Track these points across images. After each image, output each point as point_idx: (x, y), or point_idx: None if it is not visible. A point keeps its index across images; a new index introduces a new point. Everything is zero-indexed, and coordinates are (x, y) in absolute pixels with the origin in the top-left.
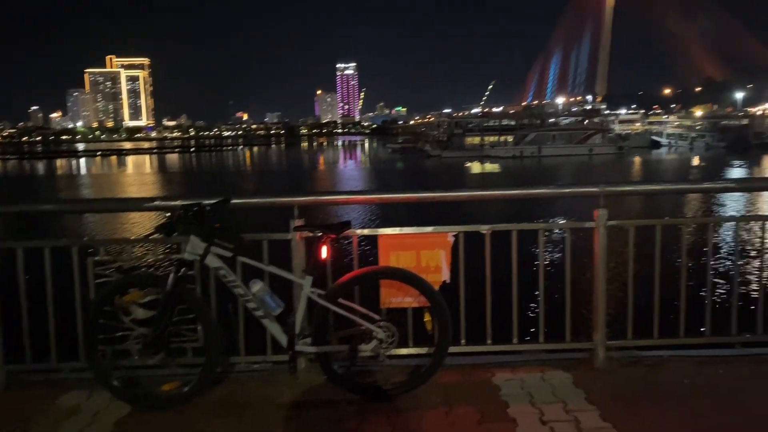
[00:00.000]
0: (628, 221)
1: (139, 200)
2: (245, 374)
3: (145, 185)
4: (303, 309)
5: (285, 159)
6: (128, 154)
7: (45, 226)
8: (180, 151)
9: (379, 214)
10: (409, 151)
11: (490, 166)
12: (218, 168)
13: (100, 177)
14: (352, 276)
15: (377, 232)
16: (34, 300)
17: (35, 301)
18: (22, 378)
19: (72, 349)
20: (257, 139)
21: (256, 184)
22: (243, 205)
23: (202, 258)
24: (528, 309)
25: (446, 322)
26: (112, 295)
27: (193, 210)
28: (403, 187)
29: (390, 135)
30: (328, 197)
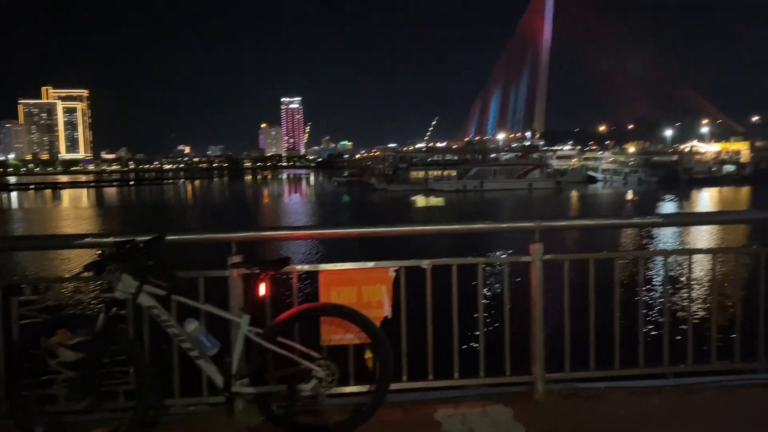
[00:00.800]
0: (563, 255)
1: (68, 237)
2: (180, 417)
3: (81, 220)
4: (240, 348)
5: (227, 193)
6: (64, 187)
7: None
8: (119, 184)
9: (324, 249)
10: (355, 184)
11: (434, 199)
12: (158, 202)
13: (33, 211)
14: (291, 313)
15: (317, 268)
16: None
17: None
18: None
19: None
20: (199, 173)
21: (196, 218)
22: (179, 242)
23: (134, 297)
24: (469, 343)
25: (387, 358)
26: (38, 336)
27: (125, 247)
28: (348, 221)
29: (336, 168)
30: (266, 233)
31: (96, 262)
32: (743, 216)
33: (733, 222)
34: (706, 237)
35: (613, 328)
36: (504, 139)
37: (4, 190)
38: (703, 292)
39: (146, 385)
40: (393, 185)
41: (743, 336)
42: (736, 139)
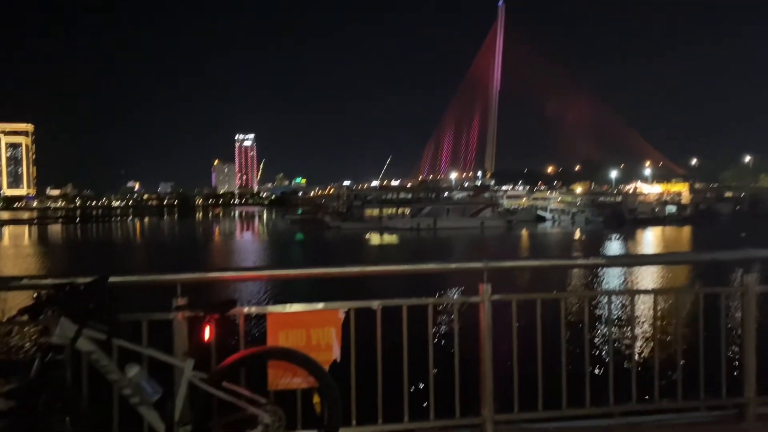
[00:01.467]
0: (511, 295)
1: (4, 279)
2: None
3: (20, 259)
4: (183, 394)
5: (177, 230)
6: (5, 224)
7: None
8: (64, 221)
9: (274, 289)
10: (310, 222)
11: (388, 237)
12: (105, 240)
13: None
14: (236, 357)
15: (265, 310)
16: None
17: None
18: None
19: None
20: (149, 210)
21: (143, 258)
22: (122, 283)
23: (73, 341)
24: (419, 385)
25: (336, 402)
26: None
27: (64, 289)
28: (301, 260)
29: (290, 206)
30: (213, 274)
31: (32, 306)
32: (682, 257)
33: (673, 263)
34: (649, 276)
35: (560, 367)
36: (457, 178)
37: None
38: (647, 332)
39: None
40: (347, 223)
41: (685, 374)
42: (676, 180)
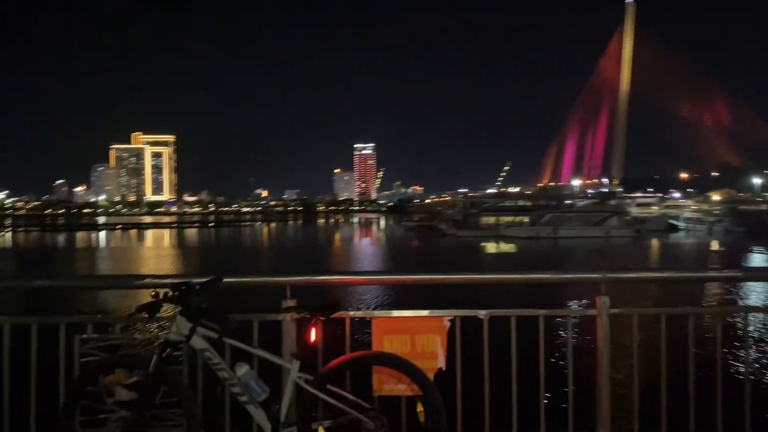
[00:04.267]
0: (632, 309)
1: (129, 277)
2: None
3: (161, 259)
4: (289, 395)
5: (300, 235)
6: (148, 228)
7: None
8: (199, 226)
9: (380, 294)
10: (425, 229)
11: (505, 246)
12: (234, 244)
13: (118, 250)
14: (341, 361)
15: (371, 315)
16: (19, 377)
17: (20, 378)
18: None
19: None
20: (275, 216)
21: (268, 260)
22: (235, 284)
23: (187, 338)
24: (529, 400)
25: (440, 412)
26: (96, 374)
27: (181, 289)
28: (415, 266)
29: (406, 213)
30: (320, 277)
31: (150, 304)
32: None
33: None
34: None
35: (686, 390)
36: (580, 185)
37: (94, 230)
38: None
39: (196, 429)
40: (463, 231)
41: None
42: None
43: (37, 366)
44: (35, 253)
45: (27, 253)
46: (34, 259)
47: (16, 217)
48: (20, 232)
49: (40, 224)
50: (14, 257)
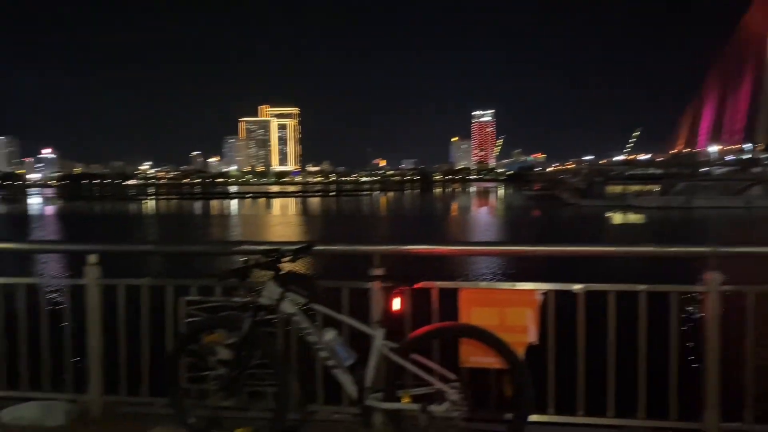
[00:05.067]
0: (747, 286)
1: (227, 243)
2: (323, 424)
3: (283, 226)
4: (375, 362)
5: (417, 205)
6: (275, 197)
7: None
8: (321, 195)
9: (471, 265)
10: (546, 198)
11: (633, 216)
12: (353, 212)
13: (248, 217)
14: (426, 330)
15: (458, 286)
16: (133, 335)
17: (133, 335)
18: (117, 409)
19: (164, 385)
20: (392, 185)
21: (384, 228)
22: (326, 252)
23: (278, 303)
24: (626, 379)
25: (527, 387)
26: (198, 334)
27: (272, 255)
28: (533, 237)
29: (526, 182)
30: (408, 247)
31: (240, 269)
32: None
33: None
34: None
35: None
36: (718, 151)
37: (226, 198)
38: None
39: (285, 390)
40: (586, 200)
41: None
42: None
43: (149, 323)
44: (178, 219)
45: (165, 219)
46: (179, 224)
47: (158, 185)
48: (161, 199)
49: (179, 193)
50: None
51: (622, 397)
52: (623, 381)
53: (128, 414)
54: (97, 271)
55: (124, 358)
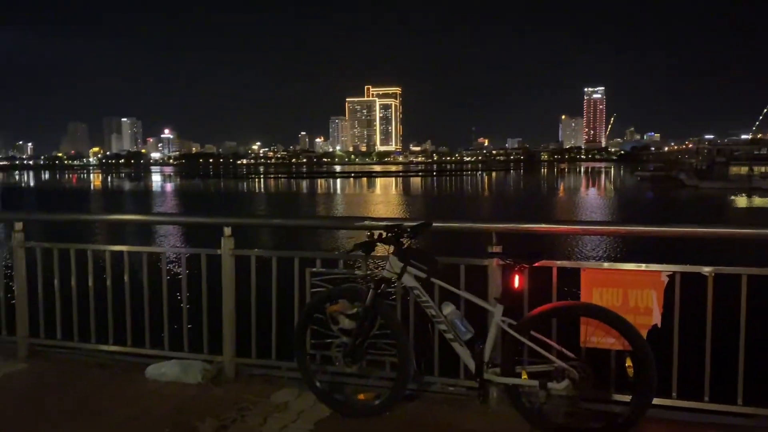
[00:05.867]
0: None
1: (351, 219)
2: (439, 395)
3: (385, 204)
4: (493, 337)
5: (522, 185)
6: (377, 176)
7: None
8: (423, 174)
9: (591, 245)
10: (661, 180)
11: (759, 200)
12: (455, 192)
13: (351, 196)
14: (546, 308)
15: (580, 266)
16: (262, 302)
17: (263, 303)
18: (247, 371)
19: (290, 350)
20: (496, 165)
21: (487, 208)
22: (444, 229)
23: (399, 276)
24: (759, 367)
25: (650, 369)
26: (322, 303)
27: (393, 231)
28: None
29: (639, 162)
30: (526, 225)
31: (365, 243)
32: None
33: None
34: None
35: None
36: None
37: (331, 177)
38: None
39: (405, 361)
40: (706, 182)
41: None
42: None
43: (276, 292)
44: (284, 197)
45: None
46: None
47: (267, 165)
48: (271, 178)
49: (287, 172)
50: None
51: (751, 384)
52: (755, 369)
53: (257, 376)
54: (231, 242)
55: (254, 324)
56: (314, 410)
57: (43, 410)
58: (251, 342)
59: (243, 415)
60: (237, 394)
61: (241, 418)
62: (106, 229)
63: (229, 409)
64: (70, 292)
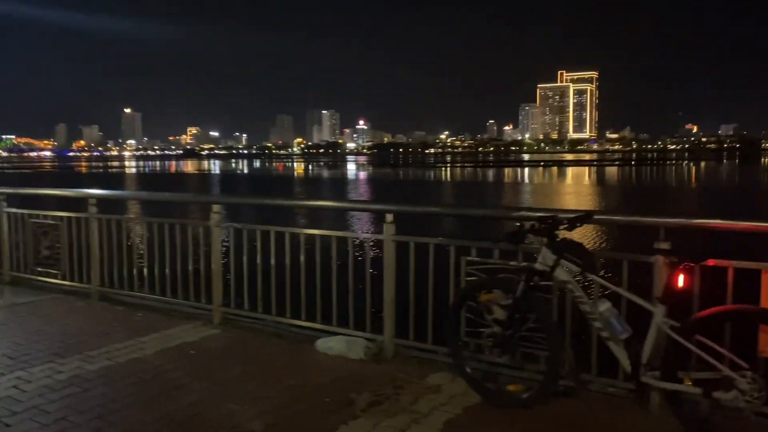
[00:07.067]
0: None
1: (507, 208)
2: (597, 395)
3: (576, 195)
4: (653, 339)
5: (736, 176)
6: (569, 165)
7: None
8: (619, 164)
9: None
10: None
11: None
12: (655, 183)
13: (538, 186)
14: (716, 311)
15: (762, 267)
16: (420, 287)
17: (420, 288)
18: (405, 352)
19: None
20: (705, 153)
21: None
22: (605, 222)
23: (551, 270)
24: None
25: None
26: (476, 291)
27: (547, 222)
28: None
29: None
30: (700, 221)
31: (515, 233)
32: None
33: None
34: None
35: None
36: None
37: (518, 166)
38: None
39: (556, 356)
40: None
41: None
42: None
43: (433, 278)
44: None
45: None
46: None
47: (454, 153)
48: (457, 167)
49: (473, 161)
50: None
51: None
52: None
53: (414, 357)
54: (393, 228)
55: (414, 307)
56: (465, 396)
57: (229, 369)
58: (408, 324)
59: (397, 393)
60: (393, 372)
61: (395, 396)
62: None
63: (385, 386)
64: (256, 268)
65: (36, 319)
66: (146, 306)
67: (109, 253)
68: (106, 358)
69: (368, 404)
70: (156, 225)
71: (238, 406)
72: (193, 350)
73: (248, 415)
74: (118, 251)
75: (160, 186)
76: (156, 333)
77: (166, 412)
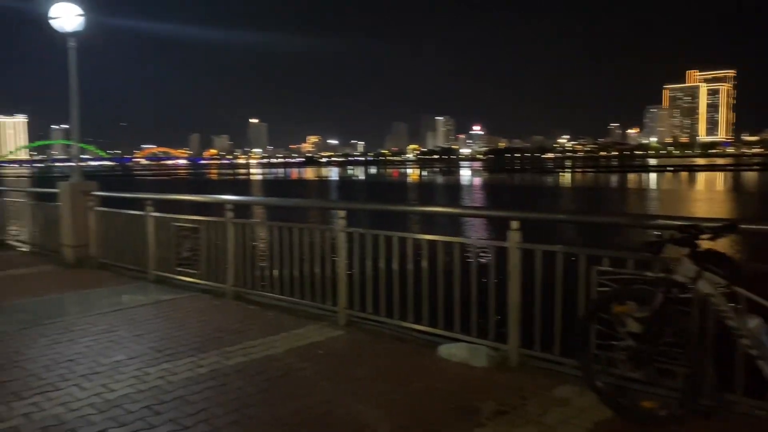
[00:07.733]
0: None
1: (640, 217)
2: (740, 417)
3: (709, 202)
4: None
5: None
6: (700, 170)
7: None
8: (760, 168)
9: None
10: None
11: None
12: None
13: (666, 192)
14: None
15: None
16: (547, 296)
17: (547, 297)
18: (530, 362)
19: (573, 346)
20: None
21: None
22: (755, 231)
23: (693, 282)
24: None
25: None
26: (608, 303)
27: (688, 232)
28: None
29: None
30: None
31: (653, 243)
32: None
33: None
34: None
35: None
36: None
37: (644, 171)
38: None
39: (700, 373)
40: None
41: None
42: None
43: (562, 287)
44: (587, 192)
45: (580, 191)
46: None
47: (574, 158)
48: (577, 172)
49: (595, 165)
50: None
51: None
52: None
53: (540, 368)
54: (518, 236)
55: (539, 317)
56: (596, 410)
57: (356, 370)
58: (533, 334)
59: (524, 403)
60: (519, 382)
61: (522, 406)
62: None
63: (511, 395)
64: (378, 272)
65: (178, 314)
66: (276, 306)
67: (243, 254)
68: (242, 354)
69: (493, 413)
70: (286, 229)
71: (366, 407)
72: (321, 350)
73: (376, 415)
74: (251, 253)
75: (287, 192)
76: (286, 332)
77: (298, 408)
